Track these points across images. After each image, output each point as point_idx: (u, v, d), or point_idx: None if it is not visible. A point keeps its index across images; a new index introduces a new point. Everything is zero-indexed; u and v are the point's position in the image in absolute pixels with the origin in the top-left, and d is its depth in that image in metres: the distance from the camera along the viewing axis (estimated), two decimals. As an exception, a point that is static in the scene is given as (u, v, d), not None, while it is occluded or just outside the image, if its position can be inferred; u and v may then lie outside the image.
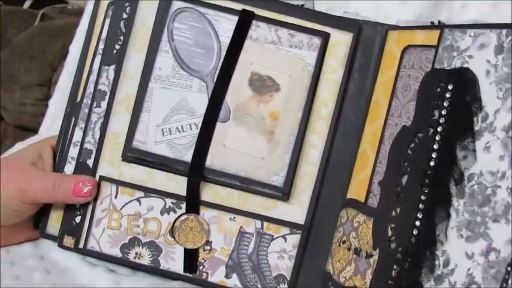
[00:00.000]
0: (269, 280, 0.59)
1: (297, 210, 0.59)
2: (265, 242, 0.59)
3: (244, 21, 0.58)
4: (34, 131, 0.92)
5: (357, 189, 0.56)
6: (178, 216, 0.58)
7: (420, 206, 0.46)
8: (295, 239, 0.59)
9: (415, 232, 0.46)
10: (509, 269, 0.38)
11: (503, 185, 0.41)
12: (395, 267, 0.46)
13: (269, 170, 0.58)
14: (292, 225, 0.59)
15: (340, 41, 0.59)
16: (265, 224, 0.59)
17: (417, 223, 0.46)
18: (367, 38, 0.59)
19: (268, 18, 0.58)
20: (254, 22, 0.58)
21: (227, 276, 0.59)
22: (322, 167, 0.59)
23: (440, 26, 0.51)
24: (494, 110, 0.44)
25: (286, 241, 0.59)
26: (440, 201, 0.45)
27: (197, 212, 0.59)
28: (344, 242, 0.55)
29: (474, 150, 0.45)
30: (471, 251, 0.42)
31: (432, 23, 0.53)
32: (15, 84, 0.97)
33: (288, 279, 0.59)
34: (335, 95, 0.59)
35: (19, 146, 0.73)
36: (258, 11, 0.59)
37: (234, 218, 0.59)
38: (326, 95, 0.59)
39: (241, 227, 0.59)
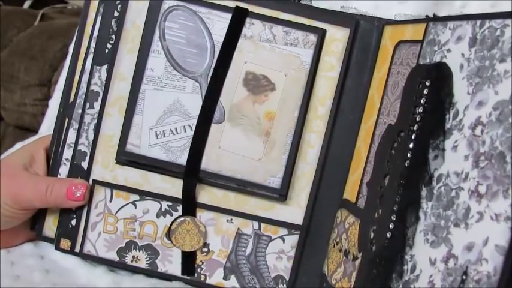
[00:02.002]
0: (268, 281, 0.58)
1: (294, 210, 0.58)
2: (263, 243, 0.58)
3: (238, 19, 0.57)
4: (34, 131, 0.92)
5: (350, 189, 0.55)
6: (175, 219, 0.57)
7: (395, 208, 0.44)
8: (293, 239, 0.58)
9: (388, 235, 0.44)
10: (464, 277, 0.36)
11: (466, 187, 0.38)
12: (374, 271, 0.45)
13: (266, 172, 0.57)
14: (290, 226, 0.58)
15: (337, 37, 0.57)
16: (263, 225, 0.58)
17: (391, 226, 0.44)
18: (364, 33, 0.57)
19: (263, 15, 0.57)
20: (248, 20, 0.57)
21: (225, 277, 0.59)
22: (319, 166, 0.58)
23: (426, 19, 0.48)
24: (464, 106, 0.41)
25: (284, 242, 0.58)
26: (411, 204, 0.43)
27: (194, 215, 0.58)
28: (337, 243, 0.54)
29: (444, 150, 0.42)
30: (434, 257, 0.40)
31: (427, 16, 0.51)
32: (15, 84, 0.97)
33: (287, 279, 0.58)
34: (332, 92, 0.57)
35: (19, 146, 0.72)
36: (252, 8, 0.57)
37: (231, 219, 0.58)
38: (323, 93, 0.57)
39: (238, 228, 0.58)
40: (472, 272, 0.35)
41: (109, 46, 0.58)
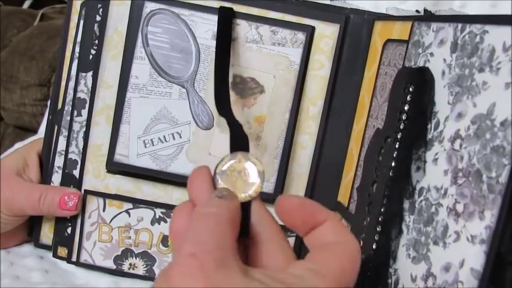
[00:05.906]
0: (267, 284, 0.57)
1: (290, 213, 0.56)
2: (260, 247, 0.57)
3: (225, 20, 0.54)
4: (34, 131, 0.92)
5: (343, 192, 0.53)
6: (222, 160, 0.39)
7: (380, 218, 0.42)
8: (290, 241, 0.57)
9: (374, 246, 0.42)
10: None
11: (445, 204, 0.36)
12: (362, 280, 0.43)
13: (258, 176, 0.55)
14: (287, 229, 0.57)
15: (326, 34, 0.55)
16: (259, 229, 0.57)
17: (376, 237, 0.42)
18: (354, 29, 0.55)
19: (248, 15, 0.55)
20: (233, 20, 0.55)
21: (224, 282, 0.58)
22: (313, 168, 0.56)
23: (413, 17, 0.46)
24: (444, 117, 0.38)
25: (281, 245, 0.57)
26: (394, 216, 0.41)
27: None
28: None
29: (425, 162, 0.39)
30: (415, 274, 0.38)
31: (417, 11, 0.48)
32: (15, 84, 0.97)
33: (286, 282, 0.57)
34: (323, 91, 0.55)
35: (19, 146, 0.72)
36: (237, 8, 0.55)
37: (226, 224, 0.57)
38: (314, 93, 0.56)
39: (234, 233, 0.57)
40: None
41: (93, 52, 0.57)
